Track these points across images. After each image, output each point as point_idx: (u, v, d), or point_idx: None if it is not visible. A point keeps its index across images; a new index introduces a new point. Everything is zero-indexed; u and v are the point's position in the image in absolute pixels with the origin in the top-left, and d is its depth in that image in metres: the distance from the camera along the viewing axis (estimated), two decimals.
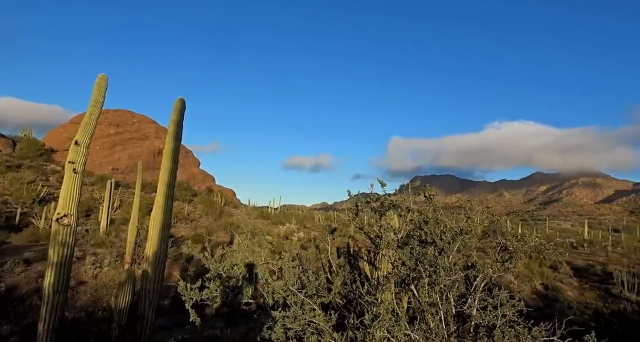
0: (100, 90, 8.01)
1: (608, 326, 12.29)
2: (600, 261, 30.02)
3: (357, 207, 4.15)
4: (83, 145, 6.76)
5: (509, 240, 3.64)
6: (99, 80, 8.07)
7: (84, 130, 7.00)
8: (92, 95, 7.62)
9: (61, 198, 6.28)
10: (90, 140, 7.04)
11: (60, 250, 5.93)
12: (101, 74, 8.22)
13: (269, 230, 28.92)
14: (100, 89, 7.99)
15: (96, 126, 7.65)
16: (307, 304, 3.66)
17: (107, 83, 8.23)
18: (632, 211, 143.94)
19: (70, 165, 6.45)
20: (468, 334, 3.36)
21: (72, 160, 6.48)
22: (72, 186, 6.42)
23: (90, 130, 7.09)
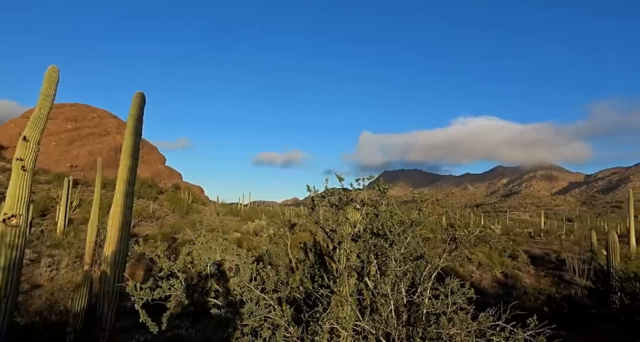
0: (51, 82, 7.61)
1: (559, 310, 13.09)
2: (555, 249, 31.86)
3: (313, 202, 4.21)
4: (33, 141, 6.40)
5: (456, 230, 3.82)
6: (49, 72, 7.66)
7: (34, 125, 6.63)
8: (42, 88, 7.22)
9: (9, 197, 5.93)
10: (41, 136, 6.68)
11: (8, 253, 5.62)
12: (52, 66, 7.80)
13: (238, 227, 28.62)
14: (50, 81, 7.59)
15: (49, 121, 7.27)
16: (262, 299, 3.69)
17: (59, 75, 7.82)
18: (584, 201, 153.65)
19: (18, 163, 6.10)
20: (419, 322, 3.50)
21: (21, 157, 6.14)
22: (21, 185, 6.08)
23: (40, 125, 6.72)
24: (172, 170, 52.02)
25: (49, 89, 7.49)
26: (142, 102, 9.19)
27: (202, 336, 6.51)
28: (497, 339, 3.20)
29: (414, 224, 3.82)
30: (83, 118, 46.03)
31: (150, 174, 43.59)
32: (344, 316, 3.28)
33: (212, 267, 4.14)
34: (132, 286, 3.65)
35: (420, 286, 3.60)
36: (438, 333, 3.14)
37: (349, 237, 3.83)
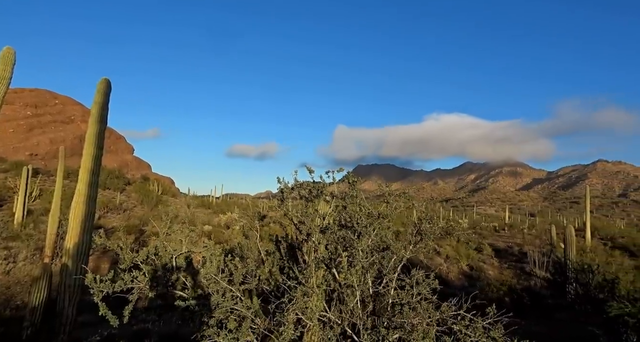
0: (6, 64, 7.16)
1: (519, 300, 13.72)
2: (518, 243, 33.30)
3: (283, 194, 4.19)
4: None
5: (422, 223, 3.91)
6: (4, 53, 7.20)
7: None
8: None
9: None
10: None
11: None
12: (7, 47, 7.33)
13: (210, 219, 28.15)
14: (5, 63, 7.14)
15: (5, 106, 6.83)
16: (229, 291, 3.65)
17: (15, 57, 7.36)
18: (546, 197, 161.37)
19: None
20: (385, 312, 3.57)
21: None
22: None
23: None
24: (140, 160, 50.39)
25: (4, 71, 7.05)
26: (108, 88, 8.80)
27: (169, 329, 6.39)
28: (457, 327, 3.31)
29: (381, 217, 3.89)
30: (44, 104, 43.63)
31: (117, 164, 42.06)
32: (310, 306, 3.30)
33: (178, 259, 4.05)
34: (91, 278, 3.52)
35: (386, 277, 3.67)
36: (402, 322, 3.21)
37: (318, 229, 3.84)
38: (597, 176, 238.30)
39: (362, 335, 3.20)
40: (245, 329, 3.28)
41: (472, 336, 3.27)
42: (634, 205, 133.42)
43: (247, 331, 3.32)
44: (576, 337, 8.89)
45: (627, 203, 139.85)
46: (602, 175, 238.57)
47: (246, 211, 30.94)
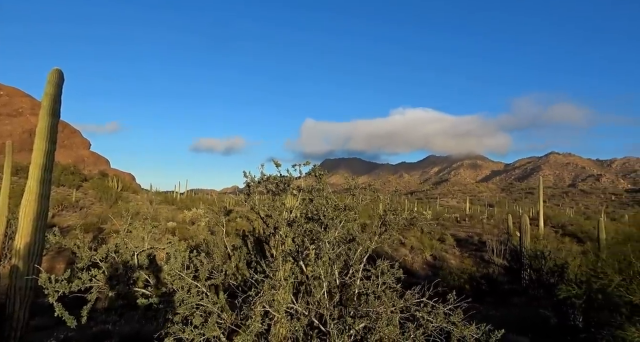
0: None
1: (479, 286, 14.40)
2: (478, 232, 34.83)
3: (249, 188, 4.15)
4: None
5: (386, 215, 4.02)
6: None
7: None
8: None
9: None
10: None
11: None
12: None
13: (174, 216, 27.35)
14: None
15: None
16: (194, 287, 3.59)
17: None
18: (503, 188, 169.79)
19: None
20: (351, 302, 3.65)
21: None
22: None
23: None
24: (98, 156, 48.01)
25: None
26: (60, 79, 8.29)
27: (131, 329, 6.18)
28: (420, 314, 3.44)
29: (347, 209, 3.94)
30: None
31: (72, 159, 39.85)
32: (277, 299, 3.31)
33: (140, 256, 3.92)
34: (45, 278, 3.34)
35: (352, 267, 3.74)
36: (367, 311, 3.30)
37: (285, 222, 3.84)
38: (550, 167, 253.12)
39: (329, 325, 3.25)
40: (211, 324, 3.24)
41: (434, 322, 3.42)
42: (581, 194, 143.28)
43: (214, 326, 3.28)
44: (529, 320, 9.47)
45: (576, 193, 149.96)
46: (553, 166, 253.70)
47: (212, 207, 30.33)
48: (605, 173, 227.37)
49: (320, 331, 3.43)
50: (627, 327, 5.05)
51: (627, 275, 5.54)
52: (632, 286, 5.31)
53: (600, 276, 5.87)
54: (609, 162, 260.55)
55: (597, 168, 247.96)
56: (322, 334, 3.38)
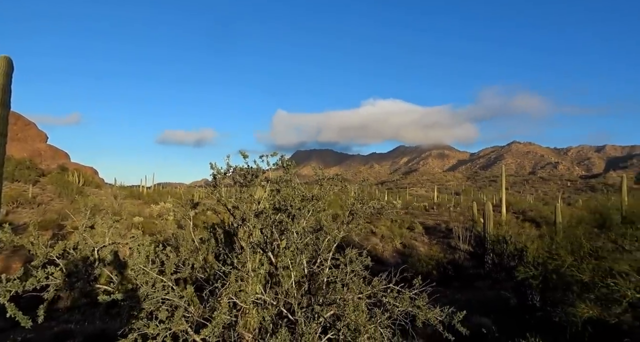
0: None
1: (445, 272, 14.93)
2: (445, 220, 36.01)
3: (215, 180, 4.09)
4: None
5: (353, 204, 4.08)
6: None
7: None
8: None
9: None
10: None
11: None
12: None
13: (140, 210, 26.52)
14: None
15: None
16: (160, 281, 3.52)
17: None
18: (469, 177, 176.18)
19: None
20: (320, 290, 3.70)
21: None
22: None
23: None
24: (56, 149, 45.52)
25: None
26: (9, 68, 7.77)
27: (95, 328, 5.98)
28: (386, 299, 3.54)
29: (315, 199, 3.97)
30: None
31: (27, 153, 37.63)
32: (244, 289, 3.31)
33: (101, 252, 3.78)
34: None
35: (320, 256, 3.78)
36: (334, 299, 3.36)
37: (252, 214, 3.82)
38: (512, 156, 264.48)
39: (297, 313, 3.29)
40: (177, 318, 3.20)
41: (400, 306, 3.53)
42: (541, 181, 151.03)
43: (180, 320, 3.23)
44: (491, 301, 9.95)
45: (536, 180, 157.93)
46: (515, 155, 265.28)
47: (180, 200, 29.52)
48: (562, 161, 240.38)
49: (289, 320, 3.46)
50: (577, 304, 5.42)
51: (579, 256, 5.92)
52: (582, 265, 5.69)
53: (554, 257, 6.24)
54: (566, 150, 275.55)
55: (555, 156, 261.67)
56: (291, 323, 3.42)
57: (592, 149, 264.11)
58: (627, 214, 5.95)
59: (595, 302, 5.35)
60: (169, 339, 3.18)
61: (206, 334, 3.14)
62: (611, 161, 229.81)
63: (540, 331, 6.98)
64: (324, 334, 3.53)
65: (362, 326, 3.11)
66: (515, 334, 7.04)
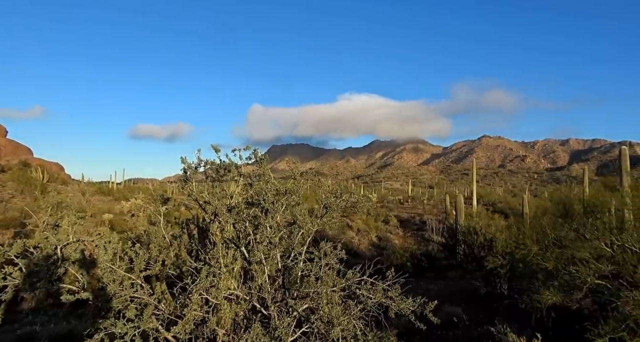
0: None
1: (419, 263, 15.28)
2: (419, 213, 36.78)
3: (186, 174, 3.99)
4: None
5: (327, 198, 4.09)
6: None
7: None
8: None
9: None
10: None
11: None
12: None
13: (110, 207, 25.66)
14: None
15: None
16: (128, 279, 3.41)
17: None
18: (442, 170, 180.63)
19: None
20: (294, 284, 3.70)
21: None
22: None
23: None
24: (17, 144, 43.24)
25: None
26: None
27: (61, 329, 5.75)
28: (360, 292, 3.58)
29: (288, 193, 3.95)
30: None
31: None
32: (216, 285, 3.26)
33: (65, 250, 3.62)
34: None
35: (294, 250, 3.78)
36: (307, 292, 3.36)
37: (224, 208, 3.76)
38: (482, 149, 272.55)
39: (270, 308, 3.27)
40: (147, 316, 3.11)
41: (373, 297, 3.58)
42: (509, 174, 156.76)
43: (150, 318, 3.15)
44: (462, 290, 10.27)
45: (505, 172, 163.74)
46: (486, 149, 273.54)
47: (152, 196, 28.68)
48: (530, 154, 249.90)
49: (263, 315, 3.44)
50: (542, 291, 5.67)
51: (543, 245, 6.18)
52: (546, 254, 5.94)
53: (521, 247, 6.49)
54: (533, 144, 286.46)
55: (523, 150, 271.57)
56: (265, 318, 3.40)
57: (557, 143, 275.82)
58: (588, 204, 6.25)
59: (558, 289, 5.61)
60: (138, 338, 3.10)
61: (177, 332, 3.08)
62: (574, 154, 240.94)
63: (508, 317, 7.27)
64: (299, 328, 3.54)
65: (335, 318, 3.13)
66: (484, 321, 7.31)
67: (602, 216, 6.02)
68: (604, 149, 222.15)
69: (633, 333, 4.59)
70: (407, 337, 6.44)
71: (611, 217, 6.35)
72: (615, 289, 5.37)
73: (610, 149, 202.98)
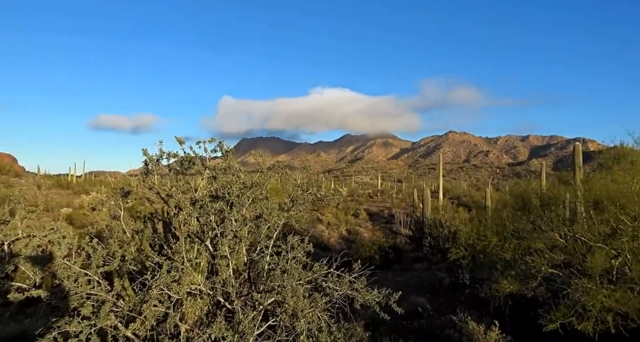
0: None
1: (387, 256, 15.60)
2: (388, 206, 37.51)
3: (147, 167, 3.85)
4: None
5: (294, 190, 4.08)
6: None
7: None
8: None
9: None
10: None
11: None
12: None
13: (69, 201, 24.49)
14: None
15: None
16: (83, 275, 3.26)
17: None
18: (410, 165, 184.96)
19: None
20: (260, 278, 3.68)
21: None
22: None
23: None
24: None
25: None
26: None
27: (13, 330, 5.40)
28: (326, 284, 3.61)
29: (254, 186, 3.90)
30: None
31: None
32: (178, 280, 3.18)
33: (14, 246, 3.41)
34: None
35: (259, 244, 3.75)
36: (273, 286, 3.35)
37: (187, 202, 3.66)
38: (449, 145, 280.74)
39: (234, 302, 3.24)
40: (104, 313, 2.99)
41: (339, 290, 3.62)
42: (474, 169, 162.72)
43: (107, 315, 3.03)
44: (427, 282, 10.60)
45: (469, 167, 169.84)
46: (452, 144, 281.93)
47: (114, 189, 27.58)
48: (493, 149, 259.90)
49: (228, 310, 3.40)
50: (500, 280, 5.94)
51: (502, 236, 6.47)
52: (505, 245, 6.22)
53: (482, 238, 6.75)
54: (495, 139, 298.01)
55: (486, 145, 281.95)
56: (230, 312, 3.36)
57: (518, 139, 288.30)
58: (544, 198, 6.58)
59: (515, 278, 5.90)
60: (94, 336, 2.97)
61: (135, 329, 2.98)
62: (534, 150, 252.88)
63: (469, 306, 7.57)
64: (265, 322, 3.53)
65: (300, 311, 3.14)
66: (447, 310, 7.58)
67: (557, 208, 6.37)
68: (561, 145, 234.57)
69: (581, 318, 4.90)
70: (374, 327, 6.58)
71: (565, 209, 6.73)
72: (566, 277, 5.71)
73: (567, 145, 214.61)
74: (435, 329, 6.60)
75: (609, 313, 4.83)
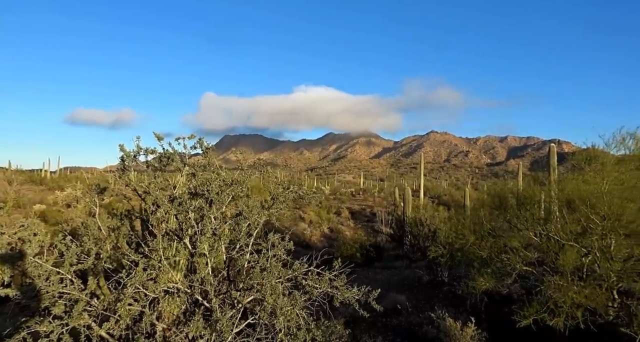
0: None
1: (368, 254, 15.73)
2: (370, 205, 37.81)
3: (124, 163, 3.76)
4: None
5: (275, 188, 4.06)
6: None
7: None
8: None
9: None
10: None
11: None
12: None
13: (43, 197, 23.73)
14: None
15: None
16: (55, 274, 3.16)
17: None
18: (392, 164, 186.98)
19: None
20: (239, 276, 3.65)
21: None
22: None
23: None
24: None
25: None
26: None
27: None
28: (306, 282, 3.61)
29: (235, 183, 3.86)
30: None
31: None
32: (155, 278, 3.13)
33: None
34: None
35: (239, 242, 3.72)
36: (252, 284, 3.33)
37: (165, 199, 3.60)
38: (430, 144, 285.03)
39: (213, 300, 3.20)
40: (77, 312, 2.91)
41: (319, 287, 3.62)
42: (454, 168, 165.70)
43: (80, 315, 2.95)
44: (407, 279, 10.75)
45: (450, 167, 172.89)
46: (433, 144, 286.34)
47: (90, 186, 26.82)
48: (472, 150, 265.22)
49: (206, 308, 3.36)
50: (477, 278, 6.08)
51: (480, 235, 6.61)
52: (482, 243, 6.36)
53: (460, 237, 6.89)
54: (475, 140, 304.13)
55: (466, 145, 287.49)
56: (208, 311, 3.33)
57: (496, 139, 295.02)
58: (520, 198, 6.77)
59: (491, 276, 6.05)
60: (66, 336, 2.89)
61: (109, 328, 2.91)
62: (512, 150, 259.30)
63: (447, 303, 7.72)
64: (245, 320, 3.50)
65: (279, 309, 3.13)
66: (426, 307, 7.72)
67: (532, 208, 6.55)
68: (537, 146, 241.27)
69: (553, 314, 5.07)
70: (354, 325, 6.64)
71: (539, 209, 6.93)
72: (539, 275, 5.89)
73: (543, 146, 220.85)
74: (414, 326, 6.70)
75: (579, 309, 5.01)
